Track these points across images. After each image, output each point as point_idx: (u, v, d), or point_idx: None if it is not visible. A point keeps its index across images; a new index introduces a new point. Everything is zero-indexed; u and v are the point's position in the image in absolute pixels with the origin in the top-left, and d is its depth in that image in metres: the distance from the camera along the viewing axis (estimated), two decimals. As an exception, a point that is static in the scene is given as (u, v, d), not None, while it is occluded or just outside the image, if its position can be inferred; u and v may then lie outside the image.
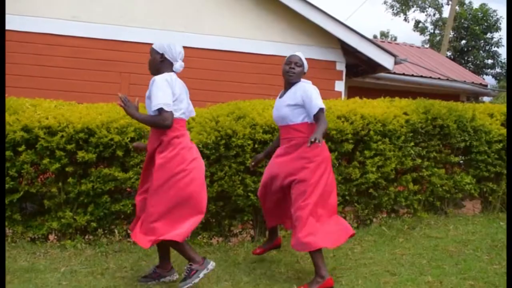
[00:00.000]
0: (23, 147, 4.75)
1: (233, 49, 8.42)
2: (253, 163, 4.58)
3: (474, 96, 13.53)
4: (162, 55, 3.92)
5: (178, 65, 3.94)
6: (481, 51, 28.03)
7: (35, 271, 4.25)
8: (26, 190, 4.87)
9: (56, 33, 7.71)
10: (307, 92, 4.07)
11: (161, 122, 3.73)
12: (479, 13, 27.64)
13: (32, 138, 4.79)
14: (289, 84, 4.23)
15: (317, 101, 4.00)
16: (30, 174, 4.85)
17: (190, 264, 3.81)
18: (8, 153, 4.73)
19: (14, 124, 4.76)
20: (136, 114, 3.84)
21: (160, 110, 3.71)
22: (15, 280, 4.02)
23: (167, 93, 3.73)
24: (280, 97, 4.28)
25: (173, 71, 3.93)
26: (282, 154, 4.18)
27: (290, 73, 4.18)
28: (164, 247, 4.09)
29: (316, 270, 4.00)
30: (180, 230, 3.75)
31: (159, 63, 3.92)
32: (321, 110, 3.99)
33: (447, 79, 11.95)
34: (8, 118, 4.78)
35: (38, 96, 5.67)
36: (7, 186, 4.74)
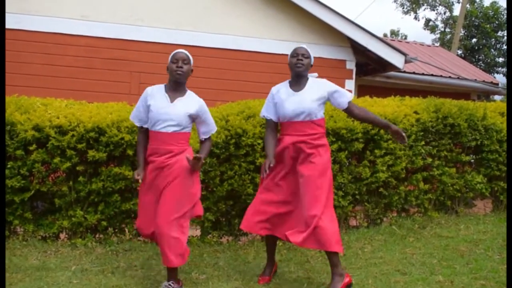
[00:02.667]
0: (34, 146, 4.78)
1: (243, 48, 8.41)
2: (267, 172, 4.04)
3: (485, 95, 13.45)
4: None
5: None
6: (492, 50, 27.84)
7: (46, 269, 4.27)
8: (37, 189, 4.89)
9: (66, 32, 7.73)
10: (331, 85, 4.10)
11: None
12: (490, 11, 27.45)
13: (43, 137, 4.81)
14: (298, 76, 4.10)
15: (346, 94, 4.09)
16: (41, 173, 4.88)
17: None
18: (19, 152, 4.76)
19: (25, 123, 4.78)
20: (204, 156, 3.92)
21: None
22: (26, 278, 4.05)
23: None
24: (295, 91, 4.08)
25: None
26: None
27: (298, 64, 4.04)
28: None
29: (336, 270, 3.89)
30: None
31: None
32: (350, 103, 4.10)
33: (458, 78, 11.89)
34: (19, 117, 4.80)
35: (48, 96, 5.70)
36: (18, 184, 4.77)
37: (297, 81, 4.12)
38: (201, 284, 4.07)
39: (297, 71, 4.06)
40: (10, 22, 7.31)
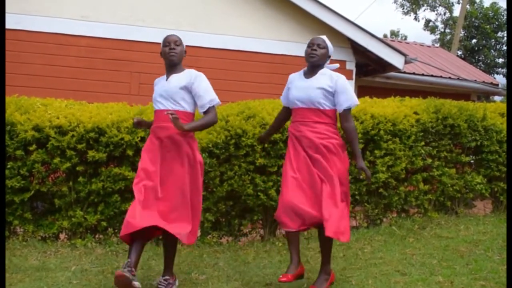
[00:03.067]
0: (34, 146, 4.78)
1: (242, 48, 8.41)
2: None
3: (485, 95, 13.47)
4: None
5: None
6: (492, 50, 27.85)
7: (46, 269, 4.27)
8: (37, 189, 4.90)
9: (66, 32, 7.74)
10: (343, 83, 3.95)
11: (215, 119, 3.91)
12: (490, 12, 27.47)
13: (43, 137, 4.81)
14: (312, 66, 4.03)
15: (353, 96, 3.96)
16: (41, 173, 4.88)
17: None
18: (19, 152, 4.76)
19: (25, 123, 4.79)
20: (186, 126, 3.69)
21: (213, 106, 3.90)
22: (26, 279, 4.05)
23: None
24: (306, 78, 4.03)
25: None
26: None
27: (312, 54, 3.97)
28: None
29: (326, 268, 3.95)
30: None
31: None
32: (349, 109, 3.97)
33: (458, 78, 11.89)
34: (19, 117, 4.81)
35: (48, 96, 5.70)
36: (18, 185, 4.77)
37: (312, 70, 4.04)
38: (200, 285, 4.07)
39: (310, 61, 4.00)
40: (11, 23, 7.30)
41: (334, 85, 3.93)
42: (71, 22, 7.76)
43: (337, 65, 4.15)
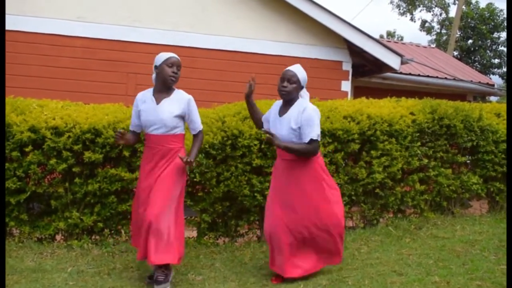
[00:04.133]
0: (30, 147, 4.77)
1: (239, 49, 8.41)
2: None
3: (481, 96, 13.49)
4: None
5: None
6: (487, 51, 27.92)
7: (42, 271, 4.26)
8: (33, 191, 4.88)
9: (62, 33, 7.72)
10: (309, 120, 3.95)
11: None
12: (486, 13, 27.53)
13: (39, 138, 4.80)
14: (284, 101, 4.10)
15: (313, 129, 3.96)
16: (37, 175, 4.87)
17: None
18: (15, 153, 4.75)
19: (21, 124, 4.77)
20: (193, 158, 3.96)
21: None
22: (22, 280, 4.04)
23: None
24: (280, 114, 4.09)
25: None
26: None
27: (282, 91, 4.01)
28: None
29: None
30: None
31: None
32: (312, 140, 3.96)
33: (454, 79, 11.91)
34: (15, 118, 4.79)
35: (45, 97, 5.68)
36: (14, 186, 4.76)
37: (285, 104, 4.11)
38: (197, 286, 4.07)
39: (280, 96, 4.08)
40: (7, 24, 7.28)
41: (300, 120, 3.97)
42: (67, 23, 7.75)
43: (307, 97, 4.13)
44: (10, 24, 7.39)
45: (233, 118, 5.24)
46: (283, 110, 4.09)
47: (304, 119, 3.94)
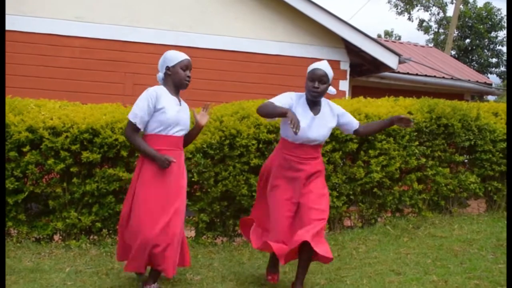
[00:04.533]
0: (28, 147, 4.76)
1: (238, 49, 8.42)
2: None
3: (478, 95, 13.50)
4: None
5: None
6: (485, 50, 27.94)
7: (40, 271, 4.26)
8: (31, 191, 4.88)
9: (60, 33, 7.72)
10: (342, 110, 3.98)
11: None
12: (484, 12, 27.55)
13: (36, 138, 4.80)
14: (313, 101, 3.86)
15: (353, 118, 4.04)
16: (35, 175, 4.87)
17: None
18: (12, 153, 4.75)
19: (19, 124, 4.77)
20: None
21: None
22: (20, 280, 4.03)
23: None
24: (315, 114, 3.83)
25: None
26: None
27: (314, 92, 3.74)
28: None
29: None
30: None
31: None
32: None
33: (452, 78, 11.93)
34: (13, 118, 4.79)
35: (42, 97, 5.68)
36: (12, 186, 4.75)
37: (312, 103, 3.86)
38: (195, 285, 4.07)
39: (310, 97, 3.80)
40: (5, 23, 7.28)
41: (336, 116, 3.96)
42: (65, 23, 7.74)
43: (334, 91, 3.96)
44: (9, 24, 7.38)
45: (231, 118, 5.24)
46: (314, 108, 3.85)
47: (340, 112, 3.96)
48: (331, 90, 3.90)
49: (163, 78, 3.85)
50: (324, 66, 3.78)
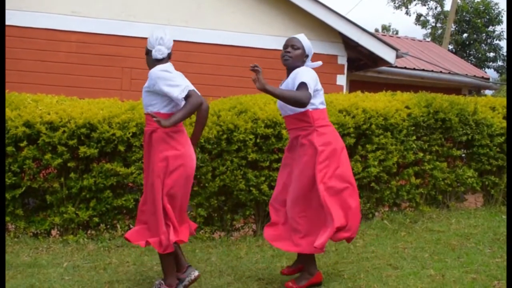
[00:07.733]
0: (25, 142, 4.76)
1: (234, 43, 8.41)
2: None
3: (476, 90, 13.50)
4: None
5: None
6: (482, 45, 27.92)
7: (37, 266, 4.26)
8: (28, 186, 4.88)
9: (57, 28, 7.70)
10: (297, 73, 3.68)
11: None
12: (481, 6, 27.51)
13: (34, 133, 4.79)
14: (288, 70, 3.81)
15: (302, 76, 3.62)
16: (32, 170, 4.86)
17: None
18: (10, 148, 4.74)
19: (16, 119, 4.76)
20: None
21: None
22: (18, 275, 4.03)
23: None
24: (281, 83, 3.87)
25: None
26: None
27: (285, 57, 3.77)
28: None
29: (307, 267, 3.90)
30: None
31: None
32: (302, 84, 3.59)
33: (449, 73, 11.93)
34: (10, 113, 4.78)
35: (39, 92, 5.67)
36: (9, 181, 4.75)
37: (288, 73, 3.84)
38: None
39: (283, 64, 3.82)
40: (0, 18, 7.26)
41: (292, 81, 3.71)
42: (62, 17, 7.72)
43: (319, 63, 3.91)
44: (6, 18, 7.34)
45: (228, 113, 5.23)
46: (282, 81, 3.87)
47: (292, 76, 3.74)
48: (316, 63, 3.89)
49: (161, 56, 3.92)
50: (299, 35, 3.86)
